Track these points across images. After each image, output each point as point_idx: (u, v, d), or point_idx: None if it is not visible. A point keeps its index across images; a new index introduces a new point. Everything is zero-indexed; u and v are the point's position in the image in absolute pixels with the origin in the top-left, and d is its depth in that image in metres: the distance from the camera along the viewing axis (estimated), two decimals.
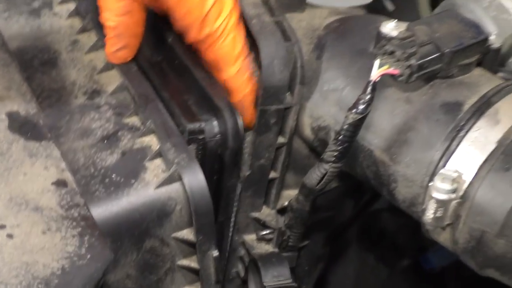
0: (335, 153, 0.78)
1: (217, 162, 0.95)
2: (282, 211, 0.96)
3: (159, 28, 1.03)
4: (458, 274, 1.28)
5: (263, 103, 0.93)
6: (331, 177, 0.80)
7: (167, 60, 1.04)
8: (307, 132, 0.92)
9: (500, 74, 0.91)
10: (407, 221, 1.26)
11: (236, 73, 1.01)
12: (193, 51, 1.03)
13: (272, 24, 0.90)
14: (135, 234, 0.92)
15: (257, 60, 0.94)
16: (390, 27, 0.79)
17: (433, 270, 1.26)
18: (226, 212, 0.97)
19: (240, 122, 0.93)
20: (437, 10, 1.03)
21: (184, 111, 0.95)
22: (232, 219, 1.04)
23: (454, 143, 0.80)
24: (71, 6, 1.07)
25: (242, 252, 0.97)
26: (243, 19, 0.97)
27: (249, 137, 1.00)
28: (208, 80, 0.98)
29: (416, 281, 1.29)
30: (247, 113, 1.02)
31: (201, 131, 0.93)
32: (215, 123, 0.93)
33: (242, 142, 0.96)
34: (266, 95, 0.91)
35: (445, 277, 1.28)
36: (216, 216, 0.96)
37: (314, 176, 0.81)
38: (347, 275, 1.27)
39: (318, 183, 0.81)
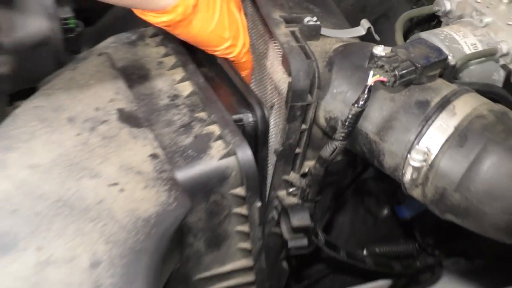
0: (343, 134, 0.81)
1: (252, 140, 0.98)
2: (304, 175, 0.98)
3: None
4: (422, 222, 1.28)
5: (292, 101, 0.95)
6: (339, 151, 0.84)
7: (217, 74, 1.05)
8: (322, 121, 0.95)
9: (455, 83, 0.92)
10: (386, 185, 1.26)
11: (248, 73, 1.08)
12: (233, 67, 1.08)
13: (298, 48, 0.93)
14: (204, 190, 0.93)
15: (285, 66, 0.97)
16: (380, 50, 0.82)
17: (405, 219, 1.26)
18: (261, 174, 0.97)
19: (266, 113, 0.97)
20: (408, 41, 1.03)
21: (230, 107, 0.97)
22: (269, 181, 1.03)
23: (424, 128, 0.84)
24: (158, 39, 1.09)
25: (276, 203, 1.01)
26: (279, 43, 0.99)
27: (280, 125, 1.01)
28: (244, 86, 1.01)
29: (393, 227, 1.29)
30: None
31: (240, 120, 0.96)
32: (249, 114, 0.96)
33: (268, 126, 0.99)
34: (293, 95, 0.94)
35: (412, 224, 1.27)
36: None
37: (327, 150, 0.84)
38: (345, 221, 1.29)
39: (330, 155, 0.82)
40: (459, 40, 1.00)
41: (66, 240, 0.75)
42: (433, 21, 1.13)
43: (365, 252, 1.22)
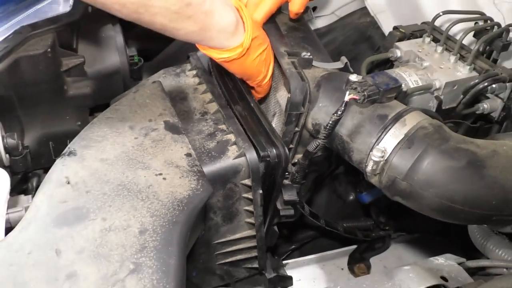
0: (324, 134, 0.81)
1: (274, 170, 0.93)
2: (294, 164, 0.95)
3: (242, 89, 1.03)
4: (376, 206, 1.26)
5: (290, 110, 0.94)
6: (321, 147, 0.82)
7: (248, 111, 1.00)
8: (310, 126, 0.94)
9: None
10: (352, 179, 1.24)
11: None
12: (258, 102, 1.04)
13: (296, 73, 0.93)
14: (222, 180, 0.92)
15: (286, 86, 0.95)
16: (354, 77, 0.82)
17: (365, 203, 1.24)
18: (275, 192, 0.97)
19: (287, 152, 0.91)
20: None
21: (259, 144, 0.92)
22: None
23: (383, 134, 0.83)
24: (194, 72, 1.09)
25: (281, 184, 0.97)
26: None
27: (280, 128, 1.00)
28: (271, 128, 0.95)
29: (356, 208, 1.27)
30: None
31: (268, 156, 0.91)
32: (274, 151, 0.91)
33: (289, 162, 0.94)
34: (291, 106, 0.93)
35: (370, 207, 1.25)
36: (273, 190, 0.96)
37: (312, 145, 0.83)
38: (321, 204, 1.26)
39: (314, 150, 0.82)
40: (405, 78, 0.99)
41: (123, 213, 0.75)
42: (388, 63, 1.12)
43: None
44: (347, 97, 0.79)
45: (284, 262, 1.21)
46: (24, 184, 1.08)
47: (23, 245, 0.69)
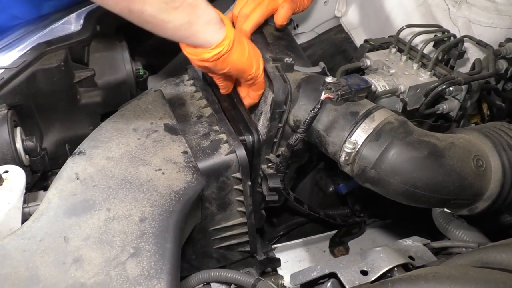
0: (303, 128, 0.80)
1: (250, 152, 0.91)
2: (278, 156, 0.93)
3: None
4: (352, 196, 1.23)
5: (274, 108, 0.91)
6: (300, 140, 0.82)
7: (231, 105, 0.99)
8: (291, 122, 0.92)
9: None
10: (331, 174, 1.21)
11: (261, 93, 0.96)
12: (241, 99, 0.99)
13: (279, 76, 0.91)
14: (216, 174, 0.89)
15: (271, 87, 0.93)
16: (330, 79, 0.80)
17: (342, 194, 1.22)
18: (253, 173, 0.94)
19: (261, 137, 0.91)
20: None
21: (238, 131, 0.91)
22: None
23: (354, 128, 0.81)
24: (191, 81, 1.07)
25: (261, 173, 0.94)
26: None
27: (266, 124, 0.97)
28: (248, 117, 0.95)
29: (334, 199, 1.24)
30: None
31: (244, 140, 0.90)
32: (249, 137, 0.90)
33: (261, 145, 0.92)
34: (275, 105, 0.91)
35: (347, 197, 1.23)
36: (251, 171, 0.93)
37: (293, 138, 0.82)
38: (305, 195, 1.23)
39: (294, 142, 0.80)
40: (375, 83, 0.96)
41: (126, 204, 0.73)
42: (360, 72, 1.09)
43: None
44: (323, 96, 0.78)
45: (273, 246, 1.18)
46: (44, 182, 1.05)
47: (35, 233, 0.66)
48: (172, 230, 0.70)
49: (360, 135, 0.80)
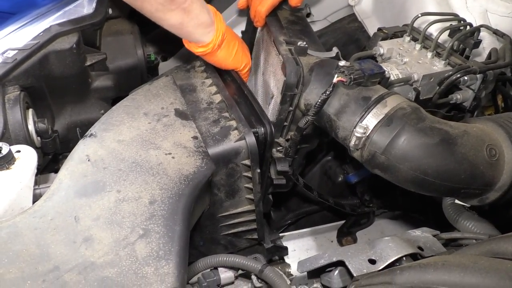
0: (314, 111, 0.81)
1: (262, 146, 0.91)
2: (287, 140, 0.93)
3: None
4: (362, 186, 1.22)
5: (285, 91, 0.90)
6: (310, 123, 0.83)
7: (240, 96, 1.00)
8: (302, 106, 0.92)
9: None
10: (341, 162, 1.20)
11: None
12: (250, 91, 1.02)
13: (292, 59, 0.91)
14: (225, 160, 0.89)
15: (283, 69, 0.92)
16: (343, 62, 0.80)
17: (351, 183, 1.21)
18: (265, 165, 0.94)
19: (273, 129, 0.90)
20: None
21: (250, 123, 0.91)
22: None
23: (366, 113, 0.80)
24: (202, 68, 1.08)
25: (270, 157, 0.94)
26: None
27: (276, 108, 0.96)
28: (260, 108, 0.94)
29: (344, 188, 1.24)
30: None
31: (257, 132, 0.89)
32: (261, 129, 0.90)
33: (274, 137, 0.91)
34: (286, 87, 0.89)
35: (356, 187, 1.22)
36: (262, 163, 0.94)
37: (303, 121, 0.82)
38: (314, 185, 1.22)
39: (304, 125, 0.80)
40: (388, 71, 0.95)
41: (136, 186, 0.73)
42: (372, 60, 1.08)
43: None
44: (335, 79, 0.77)
45: (280, 234, 1.18)
46: (55, 164, 1.06)
47: (47, 212, 0.67)
48: (181, 213, 0.70)
49: (371, 120, 0.78)
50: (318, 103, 0.79)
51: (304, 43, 0.94)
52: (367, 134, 0.78)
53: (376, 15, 1.33)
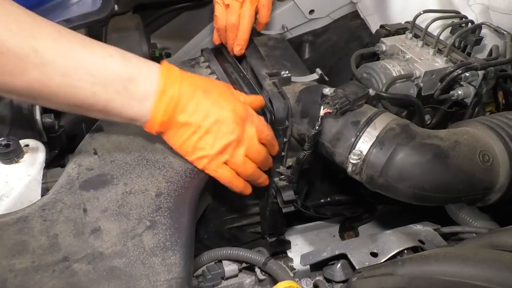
0: (308, 146, 0.81)
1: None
2: (289, 168, 0.93)
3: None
4: None
5: (277, 125, 0.89)
6: (307, 156, 0.82)
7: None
8: (296, 135, 0.91)
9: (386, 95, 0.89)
10: (335, 179, 1.19)
11: None
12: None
13: (277, 93, 0.91)
14: None
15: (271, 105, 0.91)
16: (327, 91, 0.80)
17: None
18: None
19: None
20: (359, 69, 1.00)
21: None
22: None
23: (357, 139, 0.79)
24: (206, 63, 1.07)
25: (274, 186, 0.94)
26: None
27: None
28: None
29: (346, 184, 1.24)
30: None
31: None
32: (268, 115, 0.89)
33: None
34: (277, 122, 0.89)
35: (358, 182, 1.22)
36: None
37: (301, 155, 0.83)
38: (316, 176, 1.20)
39: (302, 158, 0.82)
40: (390, 68, 0.95)
41: (142, 179, 0.75)
42: (375, 57, 1.09)
43: (328, 199, 1.19)
44: (321, 112, 0.77)
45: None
46: (61, 159, 1.08)
47: (55, 205, 0.69)
48: (187, 205, 0.71)
49: (364, 144, 0.79)
50: (310, 138, 0.79)
51: (287, 72, 0.93)
52: (363, 159, 0.78)
53: (378, 12, 1.34)
